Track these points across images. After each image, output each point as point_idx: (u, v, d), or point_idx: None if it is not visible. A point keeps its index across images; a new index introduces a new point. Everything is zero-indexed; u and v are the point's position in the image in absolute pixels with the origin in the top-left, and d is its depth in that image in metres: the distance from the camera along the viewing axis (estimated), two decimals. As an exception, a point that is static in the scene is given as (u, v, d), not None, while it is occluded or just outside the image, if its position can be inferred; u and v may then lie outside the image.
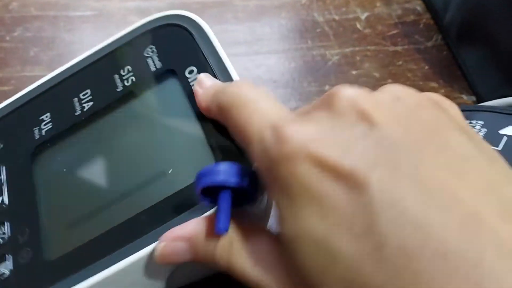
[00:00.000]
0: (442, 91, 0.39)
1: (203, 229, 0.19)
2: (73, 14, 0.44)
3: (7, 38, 0.43)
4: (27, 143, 0.27)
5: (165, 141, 0.24)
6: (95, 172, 0.24)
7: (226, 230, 0.18)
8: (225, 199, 0.19)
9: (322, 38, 0.42)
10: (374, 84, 0.39)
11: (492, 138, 0.26)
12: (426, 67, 0.40)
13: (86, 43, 0.42)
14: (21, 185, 0.25)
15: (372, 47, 0.42)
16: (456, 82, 0.39)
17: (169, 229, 0.20)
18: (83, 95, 0.28)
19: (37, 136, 0.27)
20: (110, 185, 0.24)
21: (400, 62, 0.41)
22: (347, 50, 0.42)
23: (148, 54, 0.27)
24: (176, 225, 0.20)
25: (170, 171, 0.22)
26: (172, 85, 0.26)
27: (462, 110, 0.19)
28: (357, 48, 0.42)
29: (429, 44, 0.42)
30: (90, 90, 0.28)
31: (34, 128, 0.27)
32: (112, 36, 0.29)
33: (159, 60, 0.27)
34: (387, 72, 0.40)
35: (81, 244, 0.22)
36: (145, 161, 0.24)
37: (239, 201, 0.19)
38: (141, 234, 0.20)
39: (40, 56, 0.41)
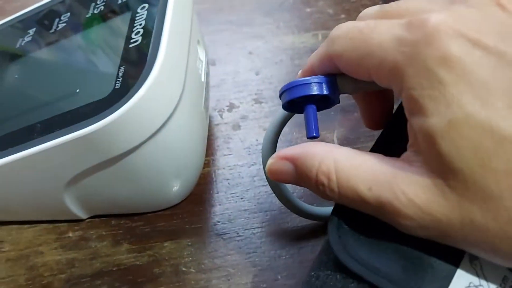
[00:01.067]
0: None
1: (307, 151, 0.19)
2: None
3: (-26, -7, 0.44)
4: (9, 50, 0.30)
5: (87, 67, 0.27)
6: (32, 81, 0.28)
7: (318, 135, 0.20)
8: (311, 109, 0.20)
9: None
10: (327, 20, 0.40)
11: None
12: (381, 2, 0.41)
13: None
14: None
15: (328, -14, 0.43)
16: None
17: (62, 135, 0.22)
18: (64, 16, 0.30)
19: (17, 45, 0.30)
20: (38, 93, 0.27)
21: (355, -1, 0.42)
22: (302, -10, 0.43)
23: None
24: (69, 132, 0.22)
25: (77, 91, 0.25)
26: (123, 19, 0.27)
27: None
28: (312, -12, 0.43)
29: (385, -20, 0.43)
30: (70, 13, 0.30)
31: (20, 38, 0.31)
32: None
33: None
34: (340, 9, 0.41)
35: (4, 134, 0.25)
36: (66, 79, 0.26)
37: (319, 107, 0.21)
38: (42, 135, 0.23)
39: (4, 7, 0.43)
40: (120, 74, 0.23)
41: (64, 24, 0.29)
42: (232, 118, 0.35)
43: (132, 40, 0.25)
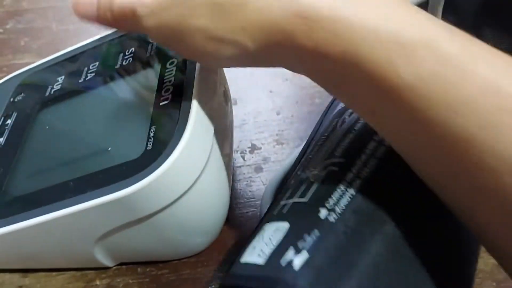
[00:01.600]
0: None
1: None
2: (62, 4, 0.47)
3: (0, 30, 0.45)
4: (38, 98, 0.30)
5: (117, 123, 0.27)
6: (63, 134, 0.28)
7: None
8: None
9: None
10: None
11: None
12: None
13: (73, 31, 0.44)
14: (18, 132, 0.29)
15: None
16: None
17: (96, 197, 0.22)
18: (92, 66, 0.30)
19: (47, 93, 0.30)
20: (69, 147, 0.27)
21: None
22: None
23: (151, 40, 0.29)
24: (103, 194, 0.22)
25: (109, 149, 0.25)
26: (152, 73, 0.28)
27: None
28: None
29: None
30: (99, 63, 0.30)
31: (49, 86, 0.31)
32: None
33: (156, 47, 0.29)
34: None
35: (34, 191, 0.25)
36: (97, 136, 0.27)
37: None
38: (76, 194, 0.23)
39: (30, 45, 0.43)
40: (152, 134, 0.24)
41: (92, 74, 0.30)
42: (254, 160, 0.35)
43: (162, 98, 0.25)
